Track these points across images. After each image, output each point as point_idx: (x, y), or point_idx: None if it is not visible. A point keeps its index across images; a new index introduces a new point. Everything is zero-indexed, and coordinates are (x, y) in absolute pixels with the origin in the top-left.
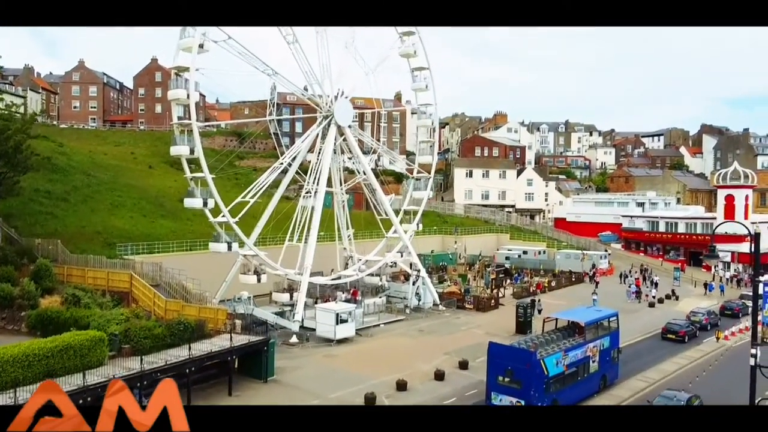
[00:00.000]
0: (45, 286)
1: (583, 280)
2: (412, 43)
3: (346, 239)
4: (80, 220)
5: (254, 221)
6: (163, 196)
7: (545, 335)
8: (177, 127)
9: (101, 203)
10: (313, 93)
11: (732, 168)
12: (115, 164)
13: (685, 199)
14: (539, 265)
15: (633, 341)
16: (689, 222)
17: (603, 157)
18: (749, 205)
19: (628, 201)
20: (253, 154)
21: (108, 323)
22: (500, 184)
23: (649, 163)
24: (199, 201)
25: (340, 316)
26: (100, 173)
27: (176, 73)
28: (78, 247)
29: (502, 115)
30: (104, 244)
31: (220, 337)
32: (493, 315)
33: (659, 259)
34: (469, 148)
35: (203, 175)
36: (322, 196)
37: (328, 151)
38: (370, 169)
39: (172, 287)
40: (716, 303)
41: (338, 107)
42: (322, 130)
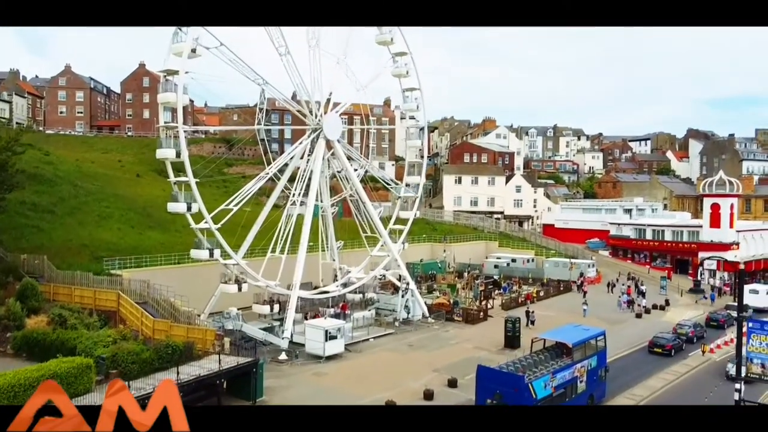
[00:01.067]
0: (31, 305)
1: (571, 288)
2: (405, 63)
3: (335, 251)
4: (67, 233)
5: (243, 231)
6: (151, 206)
7: (533, 355)
8: (163, 130)
9: (88, 215)
10: (302, 105)
11: (717, 177)
12: (102, 173)
13: (672, 205)
14: (528, 274)
15: (620, 355)
16: (676, 230)
17: (591, 162)
18: (734, 213)
19: (616, 207)
20: (242, 161)
21: (95, 345)
22: (489, 191)
23: (637, 167)
24: (183, 206)
25: (329, 332)
26: (87, 183)
27: (165, 77)
28: (65, 261)
29: (491, 121)
30: (91, 257)
31: (208, 359)
32: (482, 327)
33: (646, 266)
34: (458, 155)
35: (187, 179)
36: (311, 210)
37: (317, 165)
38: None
39: (160, 305)
40: (702, 313)
41: (327, 121)
42: (311, 142)
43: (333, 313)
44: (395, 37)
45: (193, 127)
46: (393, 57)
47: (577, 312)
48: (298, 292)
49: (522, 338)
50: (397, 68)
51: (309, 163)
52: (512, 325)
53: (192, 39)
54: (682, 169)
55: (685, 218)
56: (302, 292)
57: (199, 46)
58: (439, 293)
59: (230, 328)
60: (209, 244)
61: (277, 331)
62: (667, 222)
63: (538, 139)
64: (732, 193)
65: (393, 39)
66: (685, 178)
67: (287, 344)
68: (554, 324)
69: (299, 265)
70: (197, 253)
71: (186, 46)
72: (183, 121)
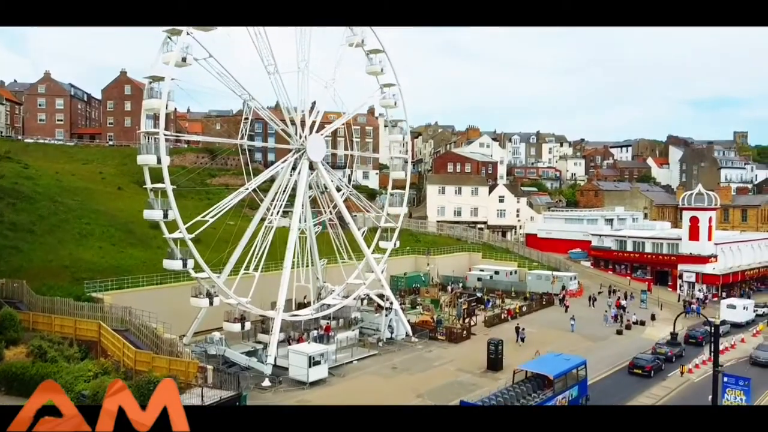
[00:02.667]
0: (10, 336)
1: (553, 302)
2: (379, 60)
3: (319, 270)
4: (47, 253)
5: (225, 246)
6: (133, 222)
7: (515, 387)
8: (144, 135)
9: (68, 233)
10: (287, 125)
11: (696, 190)
12: (83, 187)
13: (652, 215)
14: (511, 287)
15: (600, 376)
16: (656, 242)
17: (573, 168)
18: (713, 226)
19: (597, 218)
20: (225, 171)
21: (75, 381)
22: (472, 201)
23: (618, 174)
24: (159, 213)
25: (313, 358)
26: (67, 199)
27: (151, 83)
28: (44, 283)
29: (474, 130)
30: (72, 279)
31: (191, 392)
32: (466, 347)
33: (627, 277)
34: (442, 164)
35: (164, 186)
36: (295, 231)
37: (300, 186)
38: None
39: (142, 332)
40: (682, 328)
41: (311, 142)
42: (294, 162)
43: (316, 335)
44: (367, 38)
45: (176, 134)
46: (367, 54)
47: (562, 327)
48: (285, 314)
49: (512, 355)
50: (372, 66)
51: (290, 182)
52: (495, 347)
53: (182, 48)
54: (662, 175)
55: (665, 228)
56: (286, 315)
57: (188, 54)
58: (422, 309)
59: (213, 353)
60: (182, 254)
61: (261, 355)
62: (648, 234)
63: (521, 146)
64: (710, 207)
65: (364, 41)
66: (666, 185)
67: (270, 370)
68: (543, 341)
69: (283, 287)
70: (170, 264)
71: (175, 55)
72: (165, 128)
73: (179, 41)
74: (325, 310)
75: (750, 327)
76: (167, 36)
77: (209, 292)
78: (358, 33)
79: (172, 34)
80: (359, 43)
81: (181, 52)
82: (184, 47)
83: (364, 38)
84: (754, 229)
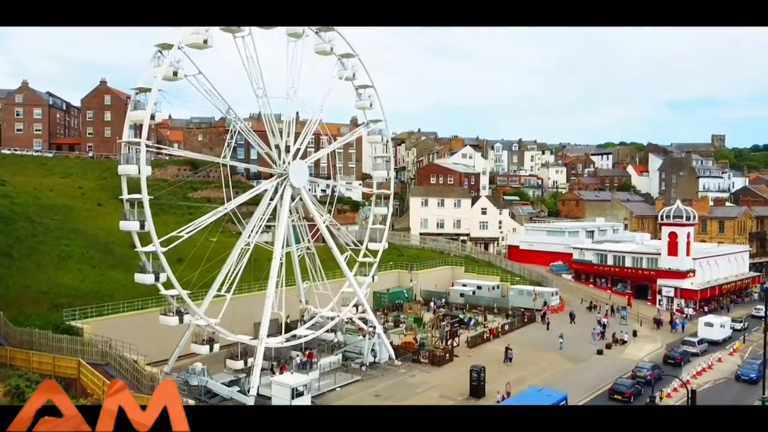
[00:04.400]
0: None
1: (535, 319)
2: (352, 65)
3: (301, 291)
4: (24, 278)
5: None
6: (113, 242)
7: None
8: (125, 145)
9: (47, 255)
10: (271, 149)
11: (675, 206)
12: (62, 204)
13: (632, 226)
14: (493, 303)
15: (581, 402)
16: (636, 256)
17: (555, 176)
18: (691, 242)
19: (578, 230)
20: (207, 184)
21: None
22: (455, 213)
23: (599, 183)
24: (135, 224)
25: (296, 390)
26: (45, 218)
27: (137, 94)
28: (22, 312)
29: (458, 140)
30: (50, 305)
31: None
32: (448, 370)
33: (607, 291)
34: (425, 176)
35: (140, 196)
36: (277, 261)
37: (284, 212)
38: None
39: (123, 366)
40: (660, 347)
41: (294, 168)
42: (276, 186)
43: (299, 362)
44: (336, 44)
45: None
46: (339, 59)
47: (544, 347)
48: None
49: (497, 378)
50: (345, 71)
51: (270, 206)
52: (477, 374)
53: (173, 62)
54: (642, 183)
55: (645, 239)
56: (270, 340)
57: (180, 69)
58: (405, 328)
59: (195, 384)
60: (155, 268)
61: (243, 384)
62: (628, 248)
63: (503, 153)
64: (688, 223)
65: (333, 48)
66: (645, 193)
67: (253, 401)
68: (525, 361)
69: (266, 314)
70: (141, 278)
71: (167, 69)
72: (147, 138)
73: (170, 55)
74: (299, 339)
75: (727, 344)
76: (158, 50)
77: (179, 309)
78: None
79: (163, 48)
80: (351, 77)
81: (173, 66)
82: (175, 61)
83: (355, 72)
84: (731, 241)
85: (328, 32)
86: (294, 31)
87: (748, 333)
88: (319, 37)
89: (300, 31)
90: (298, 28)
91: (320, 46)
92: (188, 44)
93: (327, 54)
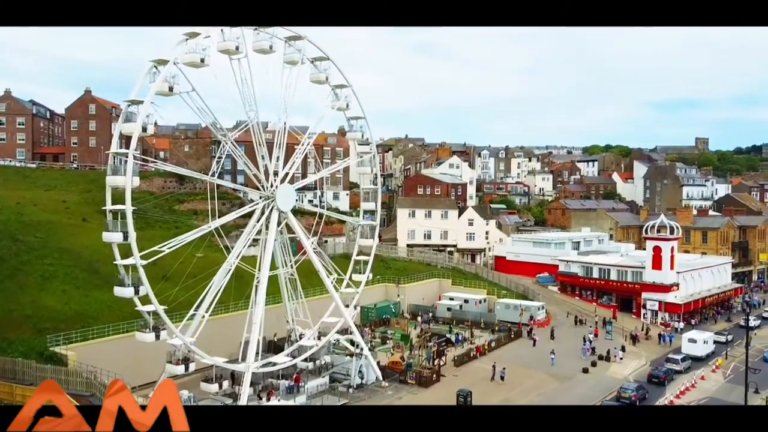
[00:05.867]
0: None
1: (521, 334)
2: (345, 95)
3: (289, 312)
4: (7, 301)
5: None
6: (98, 260)
7: None
8: (114, 156)
9: (30, 276)
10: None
11: (659, 221)
12: (45, 220)
13: (617, 236)
14: (480, 318)
15: None
16: (621, 270)
17: (541, 183)
18: (675, 255)
19: (564, 241)
20: (193, 195)
21: None
22: (442, 225)
23: (585, 190)
24: (119, 235)
25: None
26: (29, 236)
27: (129, 106)
28: (5, 337)
29: (445, 149)
30: (34, 330)
31: None
32: (435, 391)
33: (593, 303)
34: (412, 186)
35: (124, 207)
36: (264, 285)
37: (270, 235)
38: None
39: None
40: (645, 364)
41: (281, 192)
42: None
43: (287, 386)
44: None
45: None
46: (333, 89)
47: (532, 364)
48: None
49: (484, 399)
50: (337, 102)
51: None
52: (464, 398)
53: (168, 77)
54: (627, 190)
55: (630, 249)
56: (256, 364)
57: (176, 84)
58: (392, 346)
59: None
60: (134, 281)
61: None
62: (613, 261)
63: (490, 161)
64: (672, 237)
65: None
66: (630, 201)
67: None
68: (516, 380)
69: (253, 340)
70: (120, 291)
71: (163, 85)
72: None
73: (165, 71)
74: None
75: (710, 360)
76: (153, 65)
77: (155, 325)
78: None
79: (158, 64)
80: (344, 107)
81: (167, 82)
82: (170, 77)
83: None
84: (715, 251)
85: (344, 89)
86: (290, 59)
87: (730, 348)
88: (335, 95)
89: (297, 59)
90: (296, 56)
91: (336, 104)
92: (185, 62)
93: (344, 110)
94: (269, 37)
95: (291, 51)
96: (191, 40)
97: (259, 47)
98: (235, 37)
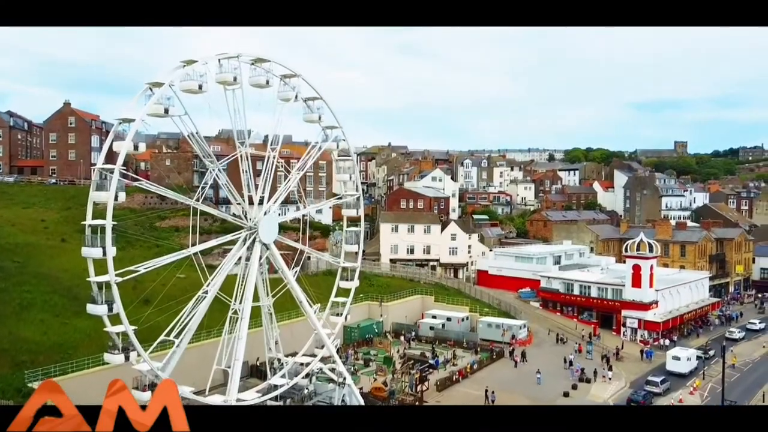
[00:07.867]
0: None
1: (503, 354)
2: (317, 107)
3: (272, 342)
4: None
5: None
6: (78, 285)
7: None
8: (98, 171)
9: (8, 305)
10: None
11: (638, 239)
12: (23, 242)
13: (598, 249)
14: (462, 337)
15: None
16: (601, 287)
17: (523, 192)
18: (653, 274)
19: (546, 256)
20: (175, 212)
21: None
22: (425, 239)
23: (566, 199)
24: (98, 250)
25: None
26: (6, 261)
27: (120, 124)
28: None
29: (428, 161)
30: (12, 363)
31: None
32: None
33: (574, 319)
34: (395, 201)
35: (104, 222)
36: (247, 318)
37: (253, 267)
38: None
39: None
40: (624, 386)
41: (264, 223)
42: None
43: None
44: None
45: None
46: (305, 101)
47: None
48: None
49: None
50: (284, 92)
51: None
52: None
53: (163, 99)
54: (608, 200)
55: (610, 263)
56: (243, 395)
57: (171, 106)
58: (375, 370)
59: None
60: (107, 298)
61: None
62: (594, 278)
63: (473, 170)
64: (651, 255)
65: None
66: (611, 210)
67: None
68: (513, 401)
69: (236, 376)
70: (93, 309)
71: (158, 107)
72: None
73: (159, 92)
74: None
75: (693, 375)
76: (148, 87)
77: (125, 346)
78: (314, 109)
79: (154, 86)
80: (316, 120)
81: (162, 104)
82: (165, 99)
83: (321, 114)
84: (693, 265)
85: (316, 101)
86: (285, 96)
87: (707, 367)
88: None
89: (291, 96)
90: (290, 93)
91: (308, 116)
92: (184, 89)
93: (315, 122)
94: (265, 72)
95: (286, 89)
96: (188, 67)
97: (255, 82)
98: (232, 68)
